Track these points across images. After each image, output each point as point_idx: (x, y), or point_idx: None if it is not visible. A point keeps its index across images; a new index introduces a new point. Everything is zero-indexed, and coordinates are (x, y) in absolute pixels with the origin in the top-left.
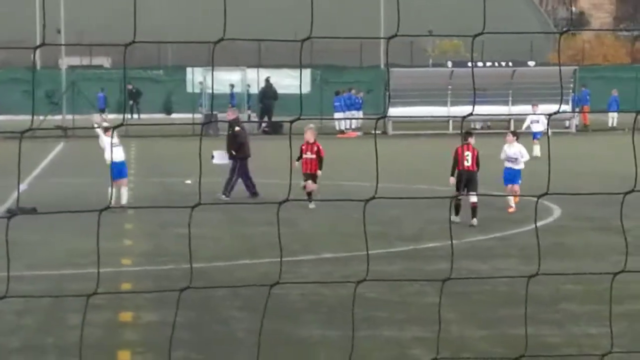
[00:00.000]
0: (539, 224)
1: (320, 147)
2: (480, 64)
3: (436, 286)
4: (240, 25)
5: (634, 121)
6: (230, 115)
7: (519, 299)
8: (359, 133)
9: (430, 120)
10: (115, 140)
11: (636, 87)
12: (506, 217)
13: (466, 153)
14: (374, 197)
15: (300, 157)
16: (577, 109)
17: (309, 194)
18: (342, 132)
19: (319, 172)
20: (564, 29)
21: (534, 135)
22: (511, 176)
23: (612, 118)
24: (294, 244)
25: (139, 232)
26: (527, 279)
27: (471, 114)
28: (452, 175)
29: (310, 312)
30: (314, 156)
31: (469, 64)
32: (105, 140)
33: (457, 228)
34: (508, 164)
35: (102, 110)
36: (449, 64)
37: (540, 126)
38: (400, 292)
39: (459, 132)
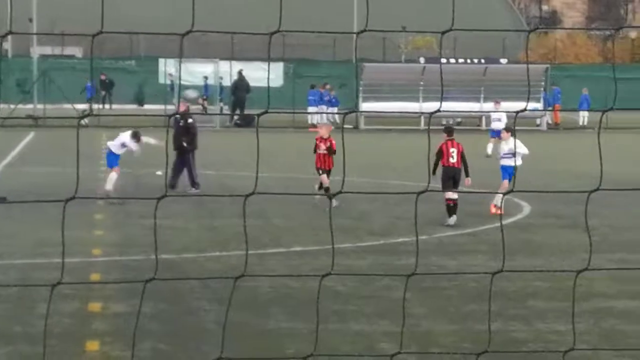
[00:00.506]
0: (508, 220)
1: (333, 142)
2: (452, 60)
3: (404, 281)
4: (213, 18)
5: (600, 121)
6: (181, 107)
7: (487, 294)
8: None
9: (402, 116)
10: (138, 147)
11: (607, 86)
12: (477, 213)
13: (451, 150)
14: (340, 192)
15: (315, 151)
16: (549, 108)
17: (327, 189)
18: (313, 125)
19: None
20: (533, 28)
21: (493, 133)
22: (509, 173)
23: (583, 117)
24: (265, 236)
25: (109, 222)
26: (492, 275)
27: (439, 111)
28: (434, 172)
29: (279, 305)
30: (327, 152)
31: (441, 60)
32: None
33: (428, 223)
34: (506, 161)
35: (89, 100)
36: (422, 59)
37: (501, 124)
38: (370, 287)
39: (431, 127)
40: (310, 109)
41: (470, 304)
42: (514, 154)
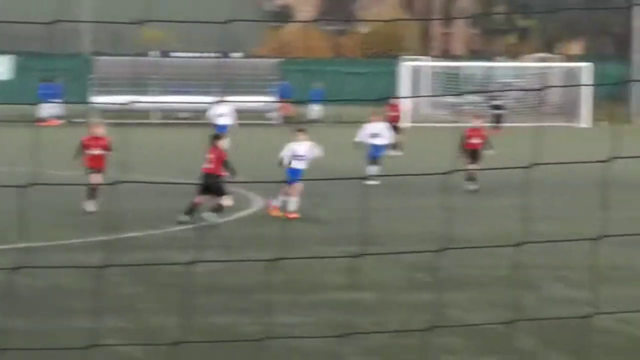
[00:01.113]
0: (240, 214)
1: (107, 140)
2: (186, 53)
3: (134, 276)
4: None
5: (299, 114)
6: None
7: (218, 288)
8: (61, 121)
9: (138, 109)
10: None
11: (339, 80)
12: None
13: (209, 156)
14: (37, 183)
15: (80, 154)
16: (280, 101)
17: (94, 190)
18: (42, 120)
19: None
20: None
21: (220, 128)
22: (296, 175)
23: (315, 111)
24: None
25: None
26: (185, 264)
27: (130, 105)
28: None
29: (2, 301)
30: (103, 151)
31: (175, 53)
32: None
33: (159, 218)
34: (294, 163)
35: None
36: (154, 53)
37: (228, 119)
38: (98, 282)
39: (164, 122)
40: (43, 104)
41: (200, 298)
42: (302, 157)
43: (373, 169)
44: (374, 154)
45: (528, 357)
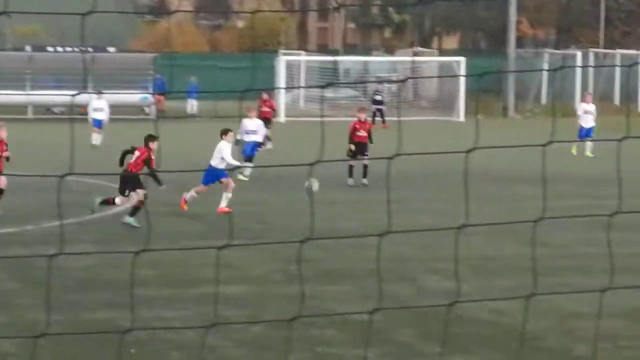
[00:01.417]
0: (120, 209)
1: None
2: (60, 48)
3: (12, 272)
4: None
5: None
6: None
7: (94, 284)
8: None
9: (9, 105)
10: None
11: (215, 75)
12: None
13: (137, 153)
14: None
15: None
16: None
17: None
18: None
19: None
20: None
21: (96, 122)
22: (214, 176)
23: (192, 105)
24: None
25: None
26: (49, 257)
27: None
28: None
29: None
30: (2, 154)
31: (49, 48)
32: None
33: (35, 213)
34: (216, 164)
35: None
36: (28, 48)
37: (104, 114)
38: None
39: (39, 117)
40: None
41: (76, 294)
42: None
43: (248, 165)
44: (248, 151)
45: (403, 348)
